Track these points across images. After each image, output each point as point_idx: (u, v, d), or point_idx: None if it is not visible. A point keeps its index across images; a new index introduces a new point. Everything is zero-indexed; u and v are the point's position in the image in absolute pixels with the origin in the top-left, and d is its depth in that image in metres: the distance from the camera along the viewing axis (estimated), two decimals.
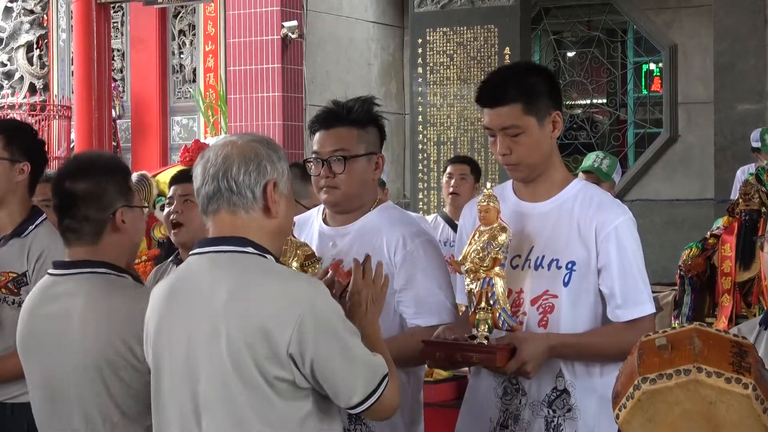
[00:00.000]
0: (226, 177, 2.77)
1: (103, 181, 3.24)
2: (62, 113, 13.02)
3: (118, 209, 3.24)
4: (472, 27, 11.26)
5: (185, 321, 2.76)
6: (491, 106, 3.34)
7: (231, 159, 2.79)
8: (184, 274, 2.86)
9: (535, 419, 3.34)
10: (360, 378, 2.73)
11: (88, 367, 3.14)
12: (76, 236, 3.24)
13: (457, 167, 6.90)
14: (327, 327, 2.69)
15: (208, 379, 2.71)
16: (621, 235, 3.30)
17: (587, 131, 13.45)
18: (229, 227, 2.80)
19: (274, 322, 2.65)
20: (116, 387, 3.13)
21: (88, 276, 3.21)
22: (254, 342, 2.66)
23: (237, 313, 2.68)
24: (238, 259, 2.76)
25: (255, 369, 2.67)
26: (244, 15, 11.19)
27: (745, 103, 11.93)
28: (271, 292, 2.70)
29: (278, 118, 11.03)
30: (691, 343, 2.46)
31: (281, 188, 2.83)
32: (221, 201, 2.79)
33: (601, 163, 6.21)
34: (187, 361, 2.75)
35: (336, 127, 3.54)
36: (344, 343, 2.71)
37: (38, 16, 13.72)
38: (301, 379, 2.69)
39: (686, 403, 2.43)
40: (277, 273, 2.78)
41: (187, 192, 4.69)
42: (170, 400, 2.79)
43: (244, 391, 2.68)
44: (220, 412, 2.71)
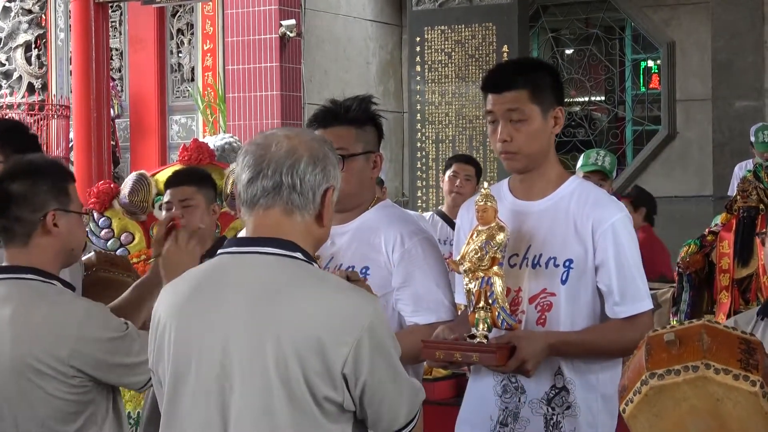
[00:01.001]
0: (291, 172, 2.52)
1: (37, 183, 3.24)
2: (61, 113, 13.02)
3: (49, 212, 3.23)
4: (470, 25, 11.26)
5: (220, 326, 2.49)
6: (498, 91, 3.36)
7: (299, 154, 2.54)
8: (215, 275, 2.57)
9: (535, 417, 3.34)
10: (405, 405, 2.58)
11: (13, 373, 3.13)
12: (8, 237, 3.25)
13: (463, 167, 6.87)
14: (382, 350, 2.49)
15: (245, 391, 2.45)
16: (618, 232, 3.30)
17: (586, 128, 13.47)
18: (274, 228, 2.54)
19: (330, 336, 2.43)
20: (38, 397, 3.12)
21: (15, 282, 3.21)
22: (307, 355, 2.42)
23: (288, 321, 2.44)
24: (287, 263, 2.52)
25: (304, 384, 2.43)
26: (242, 14, 11.20)
27: (743, 100, 11.94)
28: (328, 304, 2.47)
29: (277, 117, 11.04)
30: (699, 339, 2.47)
31: (334, 197, 2.63)
32: (278, 198, 2.53)
33: (604, 160, 6.21)
34: (219, 371, 2.47)
35: (334, 126, 3.53)
36: (396, 369, 2.54)
37: (36, 15, 13.72)
38: (349, 402, 2.49)
39: (693, 399, 2.44)
40: (334, 284, 2.56)
41: (186, 196, 4.71)
42: (192, 412, 2.52)
43: (287, 407, 2.43)
44: (255, 428, 2.46)
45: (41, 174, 3.27)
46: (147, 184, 6.54)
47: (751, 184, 5.72)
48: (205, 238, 3.54)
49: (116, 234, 6.56)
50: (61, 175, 3.33)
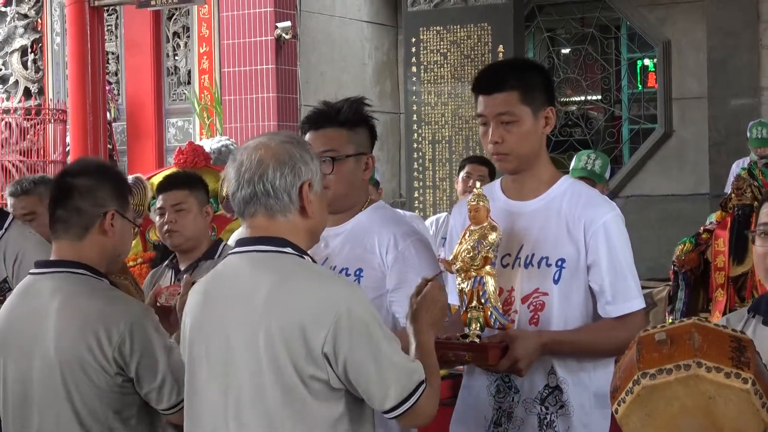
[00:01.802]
0: (261, 181, 2.78)
1: (102, 181, 3.30)
2: (57, 117, 13.04)
3: (110, 210, 3.28)
4: (466, 25, 11.27)
5: (224, 318, 2.78)
6: (488, 93, 3.37)
7: (265, 163, 2.79)
8: (222, 273, 2.87)
9: (529, 416, 3.35)
10: (393, 383, 2.72)
11: (56, 366, 3.16)
12: (64, 227, 3.28)
13: (477, 168, 6.87)
14: (362, 330, 2.69)
15: (244, 376, 2.72)
16: (609, 231, 3.31)
17: (582, 128, 13.46)
18: (266, 229, 2.81)
19: (310, 320, 2.67)
20: (82, 388, 3.16)
21: (66, 275, 3.25)
22: (291, 339, 2.67)
23: (276, 311, 2.70)
24: (278, 258, 2.78)
25: (291, 367, 2.68)
26: (238, 16, 11.21)
27: (739, 98, 11.94)
28: (310, 291, 2.71)
29: (273, 119, 11.05)
30: (690, 338, 2.47)
31: (315, 188, 2.86)
32: (258, 205, 2.80)
33: (594, 164, 6.19)
34: (224, 359, 2.76)
35: (325, 128, 3.54)
36: (378, 347, 2.70)
37: (32, 20, 13.75)
38: (335, 379, 2.71)
39: (685, 398, 2.43)
40: (317, 273, 2.82)
41: (178, 200, 4.72)
42: (205, 397, 2.80)
43: (278, 390, 2.69)
44: (253, 411, 2.72)
45: (108, 174, 3.35)
46: (143, 187, 6.56)
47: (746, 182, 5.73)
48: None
49: None
50: (122, 180, 3.43)
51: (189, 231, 4.70)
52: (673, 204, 12.28)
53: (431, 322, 2.99)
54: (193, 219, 4.71)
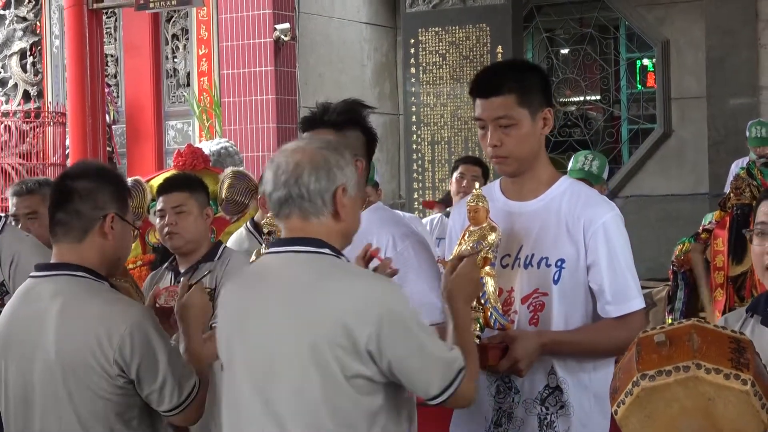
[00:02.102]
0: (297, 184, 2.86)
1: (102, 183, 3.31)
2: (57, 120, 13.04)
3: (110, 213, 3.29)
4: (464, 26, 11.29)
5: (263, 317, 2.85)
6: (485, 97, 3.36)
7: (302, 166, 2.87)
8: (259, 272, 2.95)
9: (529, 417, 3.35)
10: (435, 374, 2.83)
11: (57, 369, 3.17)
12: (64, 231, 3.29)
13: (470, 168, 6.89)
14: (404, 326, 2.79)
15: (285, 374, 2.79)
16: (609, 231, 3.31)
17: (581, 128, 13.47)
18: (300, 231, 2.89)
19: (354, 319, 2.74)
20: (83, 390, 3.17)
21: (67, 278, 3.26)
22: (335, 338, 2.74)
23: (318, 310, 2.77)
24: (316, 259, 2.86)
25: (335, 363, 2.75)
26: (237, 18, 11.22)
27: (738, 98, 11.95)
28: (351, 291, 2.79)
29: (272, 121, 11.06)
30: (689, 340, 2.47)
31: (349, 192, 2.92)
32: (293, 206, 2.88)
33: (591, 165, 6.19)
34: (263, 356, 2.83)
35: (314, 130, 3.54)
36: (420, 342, 2.80)
37: (31, 23, 13.75)
38: (378, 374, 2.79)
39: (685, 399, 2.43)
40: (357, 273, 2.92)
41: (178, 202, 4.72)
42: (243, 395, 2.87)
43: (320, 385, 2.76)
44: (294, 407, 2.79)
45: (107, 177, 3.36)
46: (142, 190, 6.56)
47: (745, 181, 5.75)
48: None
49: None
50: (124, 185, 3.45)
51: (189, 233, 4.70)
52: (673, 204, 12.28)
53: (466, 298, 3.08)
54: (193, 221, 4.71)
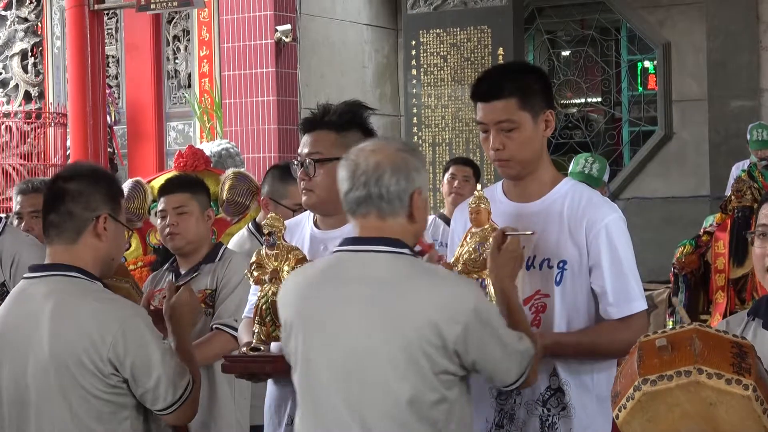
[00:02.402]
0: (378, 184, 2.92)
1: (94, 184, 3.33)
2: (58, 120, 13.04)
3: (102, 214, 3.30)
4: (466, 28, 11.28)
5: (347, 315, 2.90)
6: (487, 101, 3.36)
7: (383, 167, 2.93)
8: (335, 269, 2.99)
9: (530, 418, 3.34)
10: (515, 365, 2.98)
11: (51, 369, 3.19)
12: (57, 232, 3.30)
13: (461, 168, 6.90)
14: (488, 324, 2.89)
15: (372, 370, 2.86)
16: (611, 233, 3.31)
17: (582, 130, 13.46)
18: (377, 230, 2.95)
19: (442, 318, 2.83)
20: (77, 389, 3.18)
21: (60, 279, 3.27)
22: (425, 335, 2.83)
23: (407, 308, 2.85)
24: (397, 258, 2.93)
25: (425, 360, 2.84)
26: (238, 20, 11.21)
27: (739, 100, 11.94)
28: (439, 290, 2.87)
29: (273, 122, 11.05)
30: (691, 344, 2.47)
31: (423, 195, 3.00)
32: (371, 206, 2.94)
33: (591, 168, 6.18)
34: (348, 355, 2.88)
35: (315, 131, 3.58)
36: (501, 338, 2.93)
37: (32, 23, 13.75)
38: (461, 369, 2.90)
39: (686, 404, 2.43)
40: (440, 272, 2.99)
41: (180, 203, 4.71)
42: (324, 391, 2.92)
43: (410, 381, 2.84)
44: (380, 403, 2.86)
45: (100, 178, 3.37)
46: (143, 191, 6.56)
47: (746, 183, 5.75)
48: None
49: None
50: (117, 186, 3.45)
51: (191, 234, 4.70)
52: (674, 206, 12.27)
53: (511, 276, 3.18)
54: (195, 222, 4.71)
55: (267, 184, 5.20)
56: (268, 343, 3.47)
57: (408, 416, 2.85)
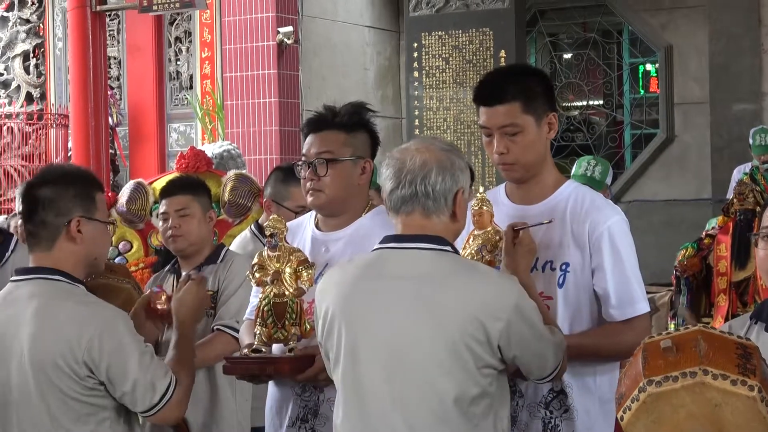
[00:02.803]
0: (424, 183, 2.99)
1: (63, 189, 3.32)
2: (59, 122, 13.04)
3: (74, 218, 3.30)
4: (468, 30, 11.27)
5: (392, 311, 2.95)
6: (490, 105, 3.35)
7: (429, 166, 2.99)
8: (378, 265, 3.03)
9: (533, 420, 3.34)
10: (550, 358, 3.05)
11: (30, 370, 3.20)
12: (35, 241, 3.32)
13: None
14: (528, 320, 2.96)
15: (418, 365, 2.91)
16: (614, 236, 3.31)
17: (584, 133, 13.46)
18: (421, 228, 3.01)
19: (487, 314, 2.90)
20: (54, 391, 3.19)
21: (42, 281, 3.28)
22: (470, 330, 2.89)
23: (452, 304, 2.90)
24: (441, 255, 2.99)
25: (468, 354, 2.90)
26: (240, 21, 11.21)
27: (741, 103, 11.94)
28: (483, 287, 2.94)
29: (275, 124, 11.05)
30: (696, 345, 2.46)
31: (466, 195, 3.06)
32: (416, 204, 3.00)
33: (594, 170, 6.18)
34: (394, 350, 2.93)
35: (323, 131, 3.57)
36: (540, 333, 3.00)
37: (34, 25, 13.74)
38: (500, 363, 2.97)
39: (691, 405, 2.42)
40: (483, 269, 3.05)
41: (182, 205, 4.70)
42: (370, 386, 2.97)
43: (455, 376, 2.90)
44: (424, 398, 2.91)
45: (69, 180, 3.36)
46: (144, 192, 6.55)
47: (748, 187, 5.74)
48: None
49: (114, 242, 6.57)
50: (89, 182, 3.42)
51: (193, 236, 4.69)
52: (675, 209, 12.27)
53: (526, 268, 3.23)
54: (197, 224, 4.70)
55: (270, 186, 5.19)
56: (269, 345, 3.47)
57: (451, 412, 2.91)
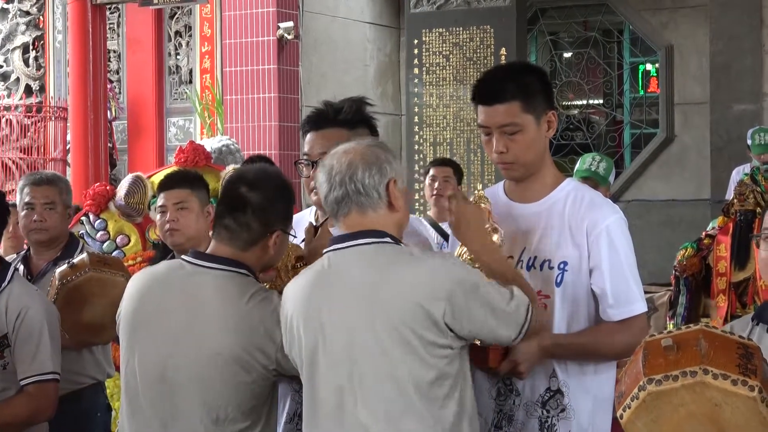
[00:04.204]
0: (353, 181, 3.05)
1: (276, 201, 3.40)
2: (58, 114, 13.03)
3: (276, 231, 3.38)
4: (468, 28, 11.26)
5: (342, 309, 3.01)
6: (489, 104, 3.33)
7: (355, 164, 3.06)
8: (326, 272, 3.08)
9: (529, 420, 3.33)
10: (511, 323, 3.04)
11: (211, 361, 3.26)
12: (230, 237, 3.38)
13: (441, 169, 6.87)
14: (474, 294, 2.98)
15: (368, 355, 2.96)
16: (612, 235, 3.29)
17: (584, 132, 13.46)
18: (360, 225, 3.07)
19: (427, 297, 2.94)
20: (236, 386, 3.27)
21: (226, 273, 3.34)
22: (413, 317, 2.93)
23: (392, 295, 2.95)
24: (381, 248, 3.04)
25: (417, 341, 2.94)
26: (240, 16, 11.20)
27: (741, 104, 11.93)
28: (420, 271, 2.97)
29: (274, 119, 11.04)
30: (697, 345, 2.46)
31: (399, 185, 3.10)
32: (350, 203, 3.07)
33: (598, 166, 6.17)
34: (346, 353, 2.99)
35: (325, 129, 3.54)
36: (491, 303, 3.01)
37: (34, 17, 13.73)
38: (457, 341, 2.99)
39: (691, 404, 2.42)
40: (421, 255, 3.05)
41: (180, 199, 4.70)
42: (327, 381, 3.03)
43: (407, 365, 2.94)
44: (381, 396, 2.96)
45: (282, 194, 3.45)
46: (143, 186, 6.53)
47: (748, 187, 5.72)
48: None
49: (112, 236, 6.56)
50: (293, 198, 3.52)
51: (190, 230, 4.68)
52: (675, 209, 12.27)
53: (474, 237, 3.23)
54: (194, 218, 4.69)
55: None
56: None
57: (413, 399, 2.95)
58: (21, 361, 4.01)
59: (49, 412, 4.06)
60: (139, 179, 6.63)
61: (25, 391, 4.00)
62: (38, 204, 4.99)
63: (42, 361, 4.02)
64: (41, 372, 4.01)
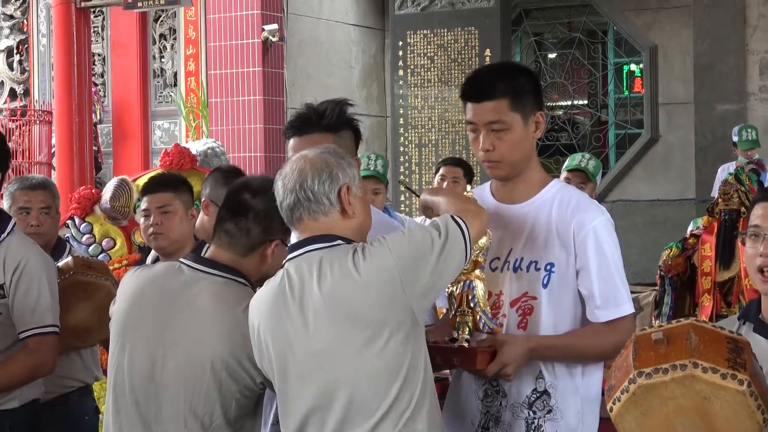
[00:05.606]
0: (303, 188, 3.06)
1: (278, 211, 3.34)
2: (43, 118, 12.99)
3: (276, 240, 3.38)
4: (453, 29, 11.29)
5: (305, 317, 3.01)
6: (477, 101, 3.33)
7: (305, 172, 3.07)
8: (286, 279, 3.08)
9: (516, 421, 3.33)
10: (456, 254, 3.03)
11: (206, 367, 3.25)
12: (230, 242, 3.38)
13: (451, 169, 6.82)
14: (415, 257, 2.98)
15: (340, 357, 2.97)
16: (599, 236, 3.30)
17: (568, 132, 13.48)
18: (310, 231, 3.08)
19: (385, 281, 2.95)
20: (223, 394, 3.26)
21: (218, 279, 3.34)
22: (370, 308, 2.95)
23: (347, 289, 2.96)
24: (331, 251, 3.03)
25: (385, 330, 2.95)
26: (225, 19, 11.18)
27: (725, 104, 11.98)
28: (367, 260, 2.97)
29: (259, 122, 11.02)
30: (687, 338, 2.47)
31: (354, 191, 3.10)
32: (302, 210, 3.07)
33: (588, 163, 6.18)
34: (312, 352, 3.00)
35: (310, 134, 3.47)
36: (436, 262, 2.99)
37: (18, 21, 13.70)
38: (423, 302, 3.02)
39: (681, 398, 2.44)
40: (369, 249, 3.02)
41: (163, 202, 4.68)
42: (299, 391, 3.03)
43: (373, 356, 2.95)
44: (353, 374, 2.96)
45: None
46: (128, 189, 6.52)
47: (733, 186, 5.74)
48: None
49: (97, 239, 6.55)
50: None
51: (174, 233, 4.67)
52: (660, 209, 12.30)
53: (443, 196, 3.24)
54: (178, 221, 4.68)
55: (208, 186, 5.02)
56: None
57: (386, 387, 2.96)
58: (20, 313, 3.99)
59: (50, 366, 4.05)
60: (125, 182, 6.62)
61: (24, 347, 3.98)
62: (35, 208, 4.97)
63: (42, 314, 4.01)
64: (41, 324, 4.00)
